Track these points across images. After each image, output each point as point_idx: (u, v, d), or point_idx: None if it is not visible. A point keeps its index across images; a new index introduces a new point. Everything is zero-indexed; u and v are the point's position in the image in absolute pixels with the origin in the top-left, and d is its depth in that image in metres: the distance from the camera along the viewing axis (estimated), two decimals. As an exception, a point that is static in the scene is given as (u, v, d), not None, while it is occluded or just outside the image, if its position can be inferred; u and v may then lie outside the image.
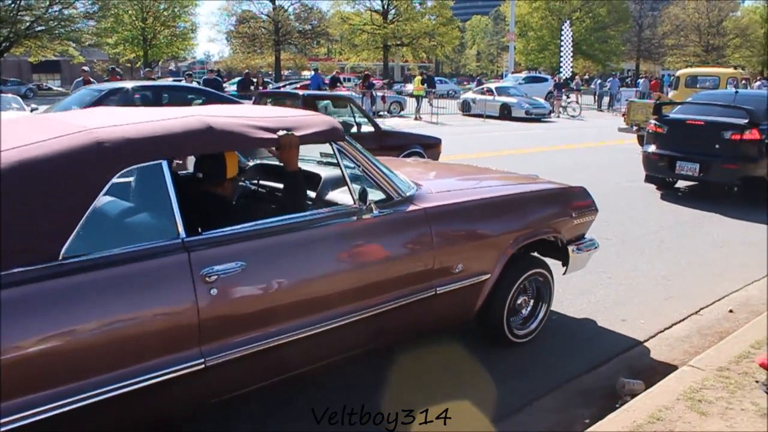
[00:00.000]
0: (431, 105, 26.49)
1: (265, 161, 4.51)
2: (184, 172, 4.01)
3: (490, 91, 27.95)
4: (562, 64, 40.03)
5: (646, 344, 4.57)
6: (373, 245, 3.46)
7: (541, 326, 4.51)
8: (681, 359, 4.21)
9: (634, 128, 16.29)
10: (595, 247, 4.79)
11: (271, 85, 34.77)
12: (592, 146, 17.10)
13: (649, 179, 10.35)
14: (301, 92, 10.51)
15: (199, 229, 2.87)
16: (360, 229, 3.39)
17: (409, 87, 41.80)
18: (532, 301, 4.48)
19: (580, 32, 59.03)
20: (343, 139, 3.47)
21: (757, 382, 3.57)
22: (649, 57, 74.63)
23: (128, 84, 11.26)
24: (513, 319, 4.33)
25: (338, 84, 24.97)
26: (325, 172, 3.96)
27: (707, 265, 6.44)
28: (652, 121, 10.32)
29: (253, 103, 11.44)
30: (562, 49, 39.90)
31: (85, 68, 16.66)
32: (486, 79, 47.56)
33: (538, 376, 4.05)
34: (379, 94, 26.99)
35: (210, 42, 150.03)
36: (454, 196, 3.98)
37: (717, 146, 9.17)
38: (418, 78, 28.19)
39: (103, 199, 2.66)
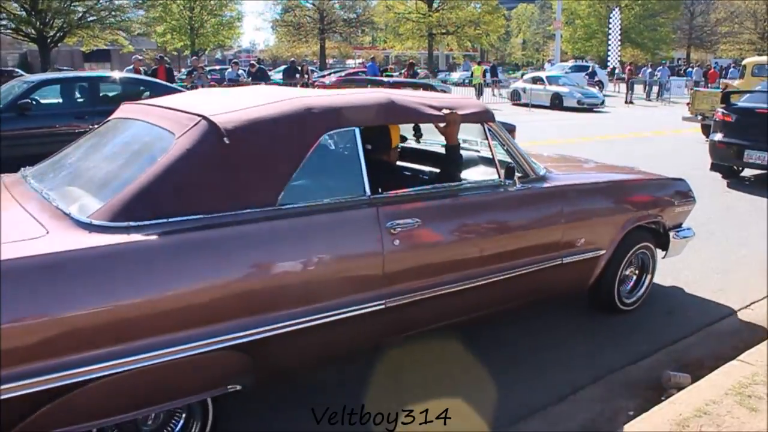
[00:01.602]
0: (494, 95, 26.44)
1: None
2: None
3: (540, 81, 27.56)
4: (609, 53, 39.32)
5: (693, 337, 4.49)
6: (516, 214, 3.93)
7: (646, 294, 4.94)
8: (730, 354, 4.11)
9: (699, 117, 16.03)
10: (693, 235, 5.19)
11: (315, 74, 35.03)
12: (650, 135, 16.88)
13: (715, 168, 10.27)
14: (386, 79, 11.26)
15: (380, 189, 3.30)
16: (506, 199, 3.87)
17: (455, 75, 41.68)
18: (637, 271, 4.93)
19: (629, 20, 57.80)
20: (494, 121, 3.93)
21: None
22: (700, 45, 72.73)
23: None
24: (621, 288, 4.77)
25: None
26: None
27: (762, 257, 6.25)
28: (720, 110, 10.26)
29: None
30: (610, 37, 39.23)
31: (139, 57, 16.96)
32: (524, 69, 46.80)
33: (582, 367, 4.03)
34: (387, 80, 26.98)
35: (256, 30, 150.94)
36: (578, 178, 4.53)
37: None
38: (479, 66, 28.25)
39: (310, 157, 3.10)
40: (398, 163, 4.42)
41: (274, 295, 2.90)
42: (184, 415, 2.92)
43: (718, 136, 10.04)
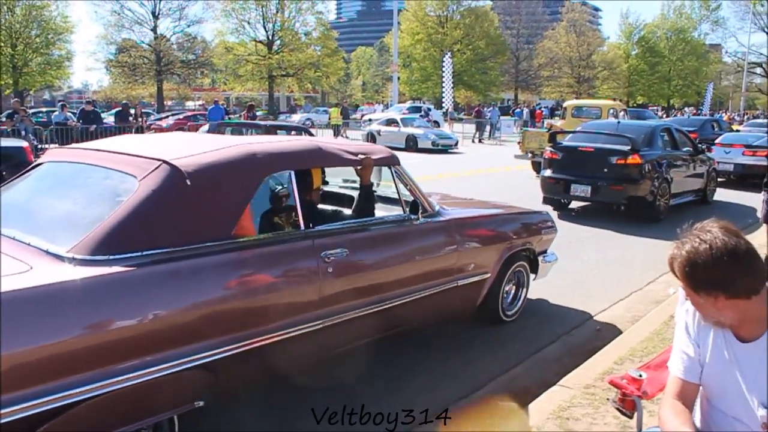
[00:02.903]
0: (345, 136, 26.56)
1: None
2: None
3: (395, 123, 27.36)
4: (444, 95, 41.19)
5: (520, 367, 4.67)
6: (420, 244, 4.47)
7: (522, 307, 5.59)
8: (552, 379, 4.30)
9: (529, 155, 17.17)
10: (555, 260, 5.94)
11: (152, 116, 33.86)
12: (491, 172, 17.69)
13: (546, 201, 11.04)
14: (263, 123, 11.71)
15: (311, 224, 3.76)
16: (412, 231, 4.41)
17: (295, 117, 41.91)
18: (514, 287, 5.59)
19: (461, 63, 61.07)
20: (399, 164, 4.50)
21: (608, 399, 3.74)
22: (526, 87, 78.20)
23: None
24: (504, 303, 5.40)
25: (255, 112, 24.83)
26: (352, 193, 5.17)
27: (579, 285, 6.70)
28: (548, 149, 11.19)
29: (209, 131, 12.37)
30: (444, 79, 41.06)
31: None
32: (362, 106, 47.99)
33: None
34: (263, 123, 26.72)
35: (88, 71, 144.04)
36: (466, 212, 5.18)
37: (605, 170, 10.12)
38: (336, 108, 28.48)
39: (256, 196, 3.52)
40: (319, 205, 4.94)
41: (233, 317, 3.20)
42: None
43: (548, 173, 10.99)
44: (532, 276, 5.68)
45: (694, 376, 2.17)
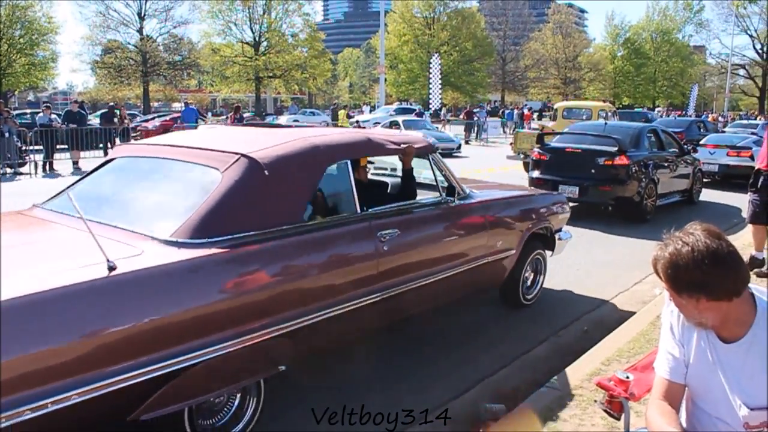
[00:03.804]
0: None
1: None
2: None
3: (396, 125, 26.96)
4: (431, 96, 41.27)
5: (509, 368, 4.66)
6: (457, 223, 4.92)
7: (540, 292, 6.10)
8: (541, 380, 4.30)
9: (522, 156, 17.22)
10: (570, 237, 6.44)
11: (138, 118, 33.64)
12: (485, 173, 17.66)
13: None
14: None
15: (365, 207, 4.17)
16: (449, 212, 4.86)
17: (282, 119, 41.75)
18: (533, 274, 6.06)
19: (448, 65, 61.19)
20: (436, 152, 4.95)
21: (595, 401, 3.76)
22: (513, 89, 78.47)
23: None
24: (524, 287, 5.88)
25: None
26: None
27: (566, 286, 6.72)
28: (536, 150, 11.20)
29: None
30: (431, 81, 41.14)
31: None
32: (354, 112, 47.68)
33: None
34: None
35: (73, 72, 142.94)
36: (493, 195, 5.60)
37: (593, 171, 10.18)
38: (343, 111, 28.47)
39: (320, 184, 3.92)
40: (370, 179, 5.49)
41: (308, 291, 3.61)
42: (239, 396, 3.48)
43: (536, 173, 11.01)
44: (548, 253, 6.18)
45: (680, 376, 2.18)
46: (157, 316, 2.89)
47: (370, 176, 5.73)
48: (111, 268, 2.77)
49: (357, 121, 28.92)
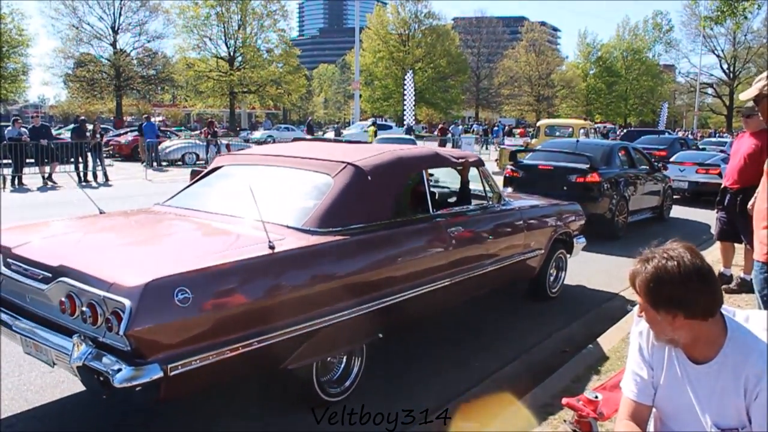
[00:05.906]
0: None
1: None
2: None
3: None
4: (405, 112, 41.43)
5: (480, 386, 4.61)
6: (502, 224, 5.81)
7: (562, 286, 7.00)
8: (511, 398, 4.34)
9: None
10: (584, 242, 7.30)
11: (111, 132, 33.18)
12: None
13: None
14: None
15: (435, 209, 5.08)
16: (496, 215, 5.80)
17: (256, 134, 41.60)
18: (555, 270, 6.93)
19: (423, 82, 61.67)
20: (484, 166, 5.91)
21: (564, 421, 3.76)
22: (487, 105, 79.23)
23: None
24: (550, 281, 6.81)
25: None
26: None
27: (538, 303, 6.69)
28: (509, 167, 11.32)
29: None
30: (405, 97, 41.32)
31: None
32: (325, 129, 47.50)
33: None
34: (224, 141, 26.18)
35: (45, 85, 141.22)
36: (525, 203, 6.54)
37: (565, 188, 10.15)
38: (372, 127, 29.09)
39: (403, 189, 4.87)
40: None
41: (400, 274, 4.41)
42: (345, 358, 4.21)
43: (509, 191, 10.84)
44: (567, 255, 7.05)
45: (647, 398, 2.18)
46: (303, 285, 3.67)
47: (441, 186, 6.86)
48: (272, 248, 3.50)
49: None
